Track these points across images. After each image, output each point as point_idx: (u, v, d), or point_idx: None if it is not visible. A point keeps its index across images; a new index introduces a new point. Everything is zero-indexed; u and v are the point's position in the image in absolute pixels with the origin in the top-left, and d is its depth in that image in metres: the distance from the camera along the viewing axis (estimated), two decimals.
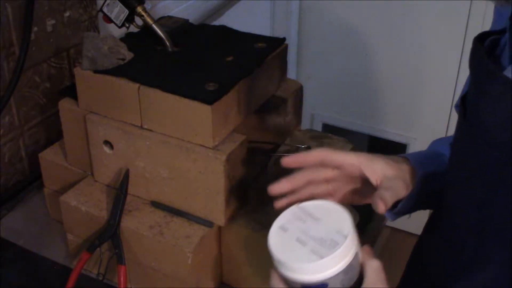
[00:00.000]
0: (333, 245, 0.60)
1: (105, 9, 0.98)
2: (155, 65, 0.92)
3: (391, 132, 2.26)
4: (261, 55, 0.95)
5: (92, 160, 0.96)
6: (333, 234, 0.61)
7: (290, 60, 2.26)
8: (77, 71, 0.92)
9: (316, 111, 2.38)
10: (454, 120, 0.69)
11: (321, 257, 0.59)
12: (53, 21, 1.15)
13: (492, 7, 0.66)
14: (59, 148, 1.05)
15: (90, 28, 1.26)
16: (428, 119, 2.14)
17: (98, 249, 0.91)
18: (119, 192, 0.91)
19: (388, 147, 2.51)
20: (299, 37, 2.26)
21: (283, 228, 0.65)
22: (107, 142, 0.93)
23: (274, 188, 0.75)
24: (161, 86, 0.85)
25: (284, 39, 1.01)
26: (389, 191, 0.71)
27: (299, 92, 1.05)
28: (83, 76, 0.91)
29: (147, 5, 1.01)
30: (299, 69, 2.34)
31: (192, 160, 0.86)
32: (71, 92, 0.96)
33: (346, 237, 0.60)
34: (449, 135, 0.77)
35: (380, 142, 2.36)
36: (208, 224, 0.89)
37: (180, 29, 1.03)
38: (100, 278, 0.94)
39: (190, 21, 1.07)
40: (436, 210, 0.76)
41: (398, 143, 2.27)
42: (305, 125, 2.28)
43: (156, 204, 0.93)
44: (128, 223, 0.90)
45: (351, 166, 0.75)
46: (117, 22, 0.98)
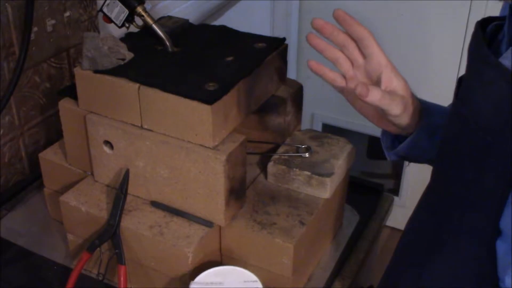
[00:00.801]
0: None
1: (105, 9, 0.98)
2: (155, 65, 0.92)
3: None
4: (261, 55, 0.95)
5: (92, 160, 0.96)
6: None
7: (290, 60, 2.26)
8: (77, 71, 0.92)
9: (316, 111, 2.38)
10: None
11: None
12: (53, 21, 1.15)
13: (492, 7, 0.67)
14: (59, 148, 1.05)
15: (90, 28, 1.26)
16: None
17: (98, 249, 0.92)
18: (119, 192, 0.91)
19: None
20: (299, 37, 2.26)
21: None
22: (107, 142, 0.93)
23: (319, 21, 0.81)
24: (161, 86, 0.85)
25: (284, 39, 1.01)
26: (387, 95, 0.75)
27: (299, 92, 1.05)
28: (83, 76, 0.91)
29: (147, 5, 1.01)
30: (299, 69, 2.34)
31: (192, 160, 0.86)
32: (71, 92, 0.96)
33: None
34: None
35: (380, 142, 2.35)
36: (208, 224, 0.89)
37: (180, 29, 1.03)
38: (100, 278, 0.94)
39: (190, 21, 1.07)
40: (427, 187, 0.78)
41: None
42: (305, 125, 2.28)
43: (156, 204, 0.93)
44: (128, 223, 0.90)
45: (378, 64, 0.79)
46: (117, 22, 0.98)
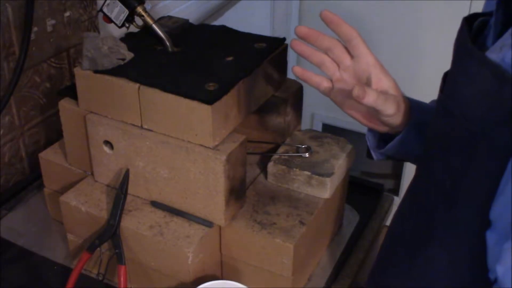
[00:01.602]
0: None
1: (105, 9, 0.98)
2: (155, 65, 0.92)
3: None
4: (261, 55, 0.95)
5: (92, 160, 0.96)
6: None
7: (290, 60, 2.25)
8: (77, 71, 0.92)
9: (316, 111, 2.38)
10: None
11: None
12: (53, 21, 1.15)
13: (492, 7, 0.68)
14: (59, 148, 1.05)
15: (90, 28, 1.26)
16: None
17: (98, 249, 0.92)
18: (119, 192, 0.91)
19: None
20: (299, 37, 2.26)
21: None
22: (107, 142, 0.93)
23: (302, 29, 0.80)
24: (161, 86, 0.85)
25: (284, 39, 1.01)
26: (381, 95, 0.75)
27: (299, 92, 1.05)
28: (83, 76, 0.91)
29: (147, 5, 1.01)
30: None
31: (192, 160, 0.86)
32: (71, 92, 0.96)
33: None
34: None
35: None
36: (208, 224, 0.89)
37: (180, 29, 1.03)
38: (100, 278, 0.94)
39: (190, 21, 1.07)
40: (412, 180, 0.78)
41: None
42: (305, 125, 2.27)
43: (156, 204, 0.93)
44: (128, 223, 0.90)
45: (366, 64, 0.80)
46: (117, 22, 0.98)
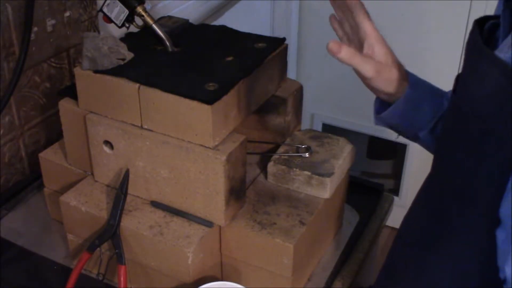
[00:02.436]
0: None
1: (105, 9, 0.98)
2: (155, 65, 0.92)
3: (391, 132, 2.26)
4: (261, 55, 0.95)
5: (92, 160, 0.96)
6: None
7: (290, 60, 2.26)
8: (77, 71, 0.92)
9: (316, 111, 2.38)
10: None
11: None
12: (53, 21, 1.15)
13: (492, 7, 0.68)
14: (59, 148, 1.05)
15: (90, 28, 1.26)
16: None
17: (98, 249, 0.91)
18: (119, 192, 0.91)
19: (388, 147, 2.51)
20: (299, 37, 2.26)
21: None
22: (107, 142, 0.93)
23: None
24: (161, 86, 0.85)
25: (284, 39, 1.01)
26: (358, 56, 0.81)
27: (299, 92, 1.05)
28: (83, 76, 0.91)
29: (147, 5, 1.01)
30: (299, 69, 2.34)
31: (192, 160, 0.86)
32: (71, 92, 0.96)
33: None
34: None
35: (380, 142, 2.36)
36: (208, 224, 0.89)
37: (180, 29, 1.03)
38: (100, 278, 0.94)
39: (190, 21, 1.07)
40: (424, 182, 0.79)
41: (398, 143, 2.27)
42: (305, 125, 2.28)
43: (156, 204, 0.93)
44: (128, 223, 0.90)
45: (364, 33, 0.86)
46: (117, 22, 0.98)
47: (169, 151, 0.87)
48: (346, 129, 2.32)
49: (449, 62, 2.01)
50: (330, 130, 2.32)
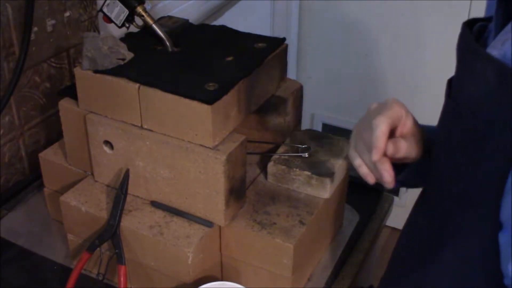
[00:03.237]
0: None
1: (105, 9, 0.98)
2: (155, 65, 0.92)
3: None
4: (261, 55, 0.95)
5: (92, 160, 0.96)
6: None
7: (290, 60, 2.26)
8: (77, 71, 0.92)
9: (316, 111, 2.38)
10: None
11: None
12: (53, 21, 1.15)
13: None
14: (59, 148, 1.05)
15: (90, 28, 1.26)
16: (429, 119, 2.14)
17: (98, 249, 0.92)
18: (119, 192, 0.91)
19: None
20: (299, 37, 2.26)
21: None
22: (107, 142, 0.93)
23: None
24: (161, 86, 0.85)
25: (284, 39, 1.01)
26: (407, 145, 0.71)
27: (299, 92, 1.05)
28: (83, 76, 0.91)
29: (147, 5, 1.01)
30: (299, 69, 2.34)
31: (192, 160, 0.86)
32: (71, 92, 0.96)
33: None
34: None
35: None
36: (208, 224, 0.89)
37: (180, 29, 1.03)
38: (100, 278, 0.94)
39: (190, 21, 1.07)
40: (423, 190, 0.77)
41: None
42: (305, 125, 2.27)
43: (156, 204, 0.93)
44: (128, 223, 0.90)
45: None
46: (117, 22, 0.98)
47: (169, 151, 0.87)
48: (346, 129, 2.31)
49: (449, 62, 2.01)
50: (330, 130, 2.32)
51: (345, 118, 2.32)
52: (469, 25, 0.64)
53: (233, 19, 1.79)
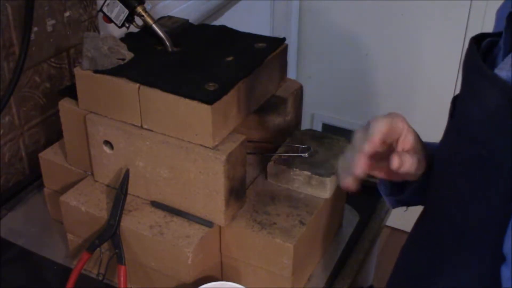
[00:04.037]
0: None
1: (105, 9, 0.98)
2: (155, 65, 0.92)
3: None
4: (261, 55, 0.95)
5: (92, 160, 0.96)
6: None
7: (290, 60, 2.26)
8: (77, 71, 0.92)
9: (316, 111, 2.38)
10: None
11: None
12: (53, 21, 1.15)
13: (492, 7, 0.66)
14: (59, 148, 1.05)
15: (90, 28, 1.26)
16: (429, 119, 2.14)
17: (98, 249, 0.92)
18: (119, 192, 0.91)
19: None
20: (299, 37, 2.26)
21: None
22: (107, 142, 0.93)
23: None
24: (161, 86, 0.85)
25: (284, 39, 1.01)
26: (414, 160, 0.66)
27: (299, 92, 1.05)
28: (83, 76, 0.91)
29: (147, 5, 1.01)
30: (299, 69, 2.34)
31: (192, 160, 0.86)
32: (71, 92, 0.96)
33: None
34: None
35: None
36: (208, 224, 0.89)
37: (180, 29, 1.03)
38: (100, 278, 0.94)
39: (190, 21, 1.07)
40: (421, 214, 0.74)
41: None
42: (305, 125, 2.27)
43: (156, 204, 0.93)
44: (128, 223, 0.90)
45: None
46: (117, 22, 0.98)
47: (169, 151, 0.87)
48: (346, 129, 2.32)
49: (449, 62, 2.02)
50: (330, 130, 2.32)
51: (345, 118, 2.32)
52: (478, 40, 0.60)
53: (233, 19, 1.79)
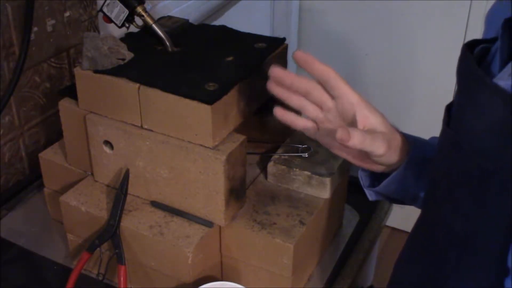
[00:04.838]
0: None
1: (105, 9, 0.98)
2: (155, 65, 0.92)
3: None
4: (261, 55, 0.95)
5: (92, 160, 0.96)
6: None
7: (290, 60, 2.25)
8: (77, 71, 0.92)
9: None
10: None
11: None
12: (53, 21, 1.15)
13: None
14: (59, 148, 1.05)
15: (90, 28, 1.26)
16: (429, 119, 2.14)
17: (98, 249, 0.92)
18: (119, 192, 0.91)
19: None
20: (299, 37, 2.26)
21: None
22: (107, 142, 0.93)
23: (277, 71, 0.72)
24: (161, 86, 0.85)
25: (284, 39, 1.01)
26: (368, 135, 0.67)
27: None
28: (83, 76, 0.91)
29: (147, 5, 1.01)
30: (299, 69, 2.34)
31: (192, 160, 0.86)
32: (71, 92, 0.96)
33: None
34: None
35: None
36: (208, 224, 0.89)
37: (180, 29, 1.03)
38: (100, 278, 0.94)
39: (190, 21, 1.07)
40: (417, 223, 0.72)
41: None
42: None
43: (156, 204, 0.93)
44: (128, 223, 0.90)
45: (349, 104, 0.71)
46: (117, 22, 0.98)
47: (169, 151, 0.87)
48: None
49: (449, 62, 2.01)
50: None
51: None
52: (470, 47, 0.59)
53: (233, 19, 1.79)
